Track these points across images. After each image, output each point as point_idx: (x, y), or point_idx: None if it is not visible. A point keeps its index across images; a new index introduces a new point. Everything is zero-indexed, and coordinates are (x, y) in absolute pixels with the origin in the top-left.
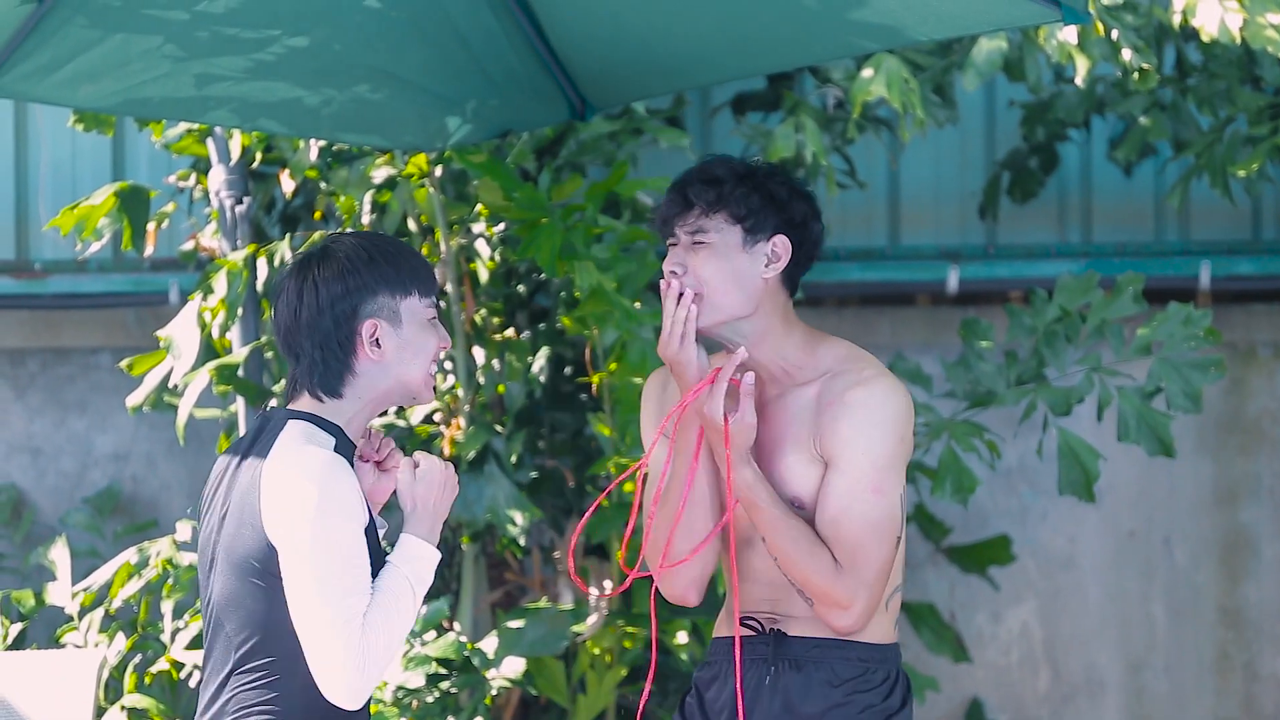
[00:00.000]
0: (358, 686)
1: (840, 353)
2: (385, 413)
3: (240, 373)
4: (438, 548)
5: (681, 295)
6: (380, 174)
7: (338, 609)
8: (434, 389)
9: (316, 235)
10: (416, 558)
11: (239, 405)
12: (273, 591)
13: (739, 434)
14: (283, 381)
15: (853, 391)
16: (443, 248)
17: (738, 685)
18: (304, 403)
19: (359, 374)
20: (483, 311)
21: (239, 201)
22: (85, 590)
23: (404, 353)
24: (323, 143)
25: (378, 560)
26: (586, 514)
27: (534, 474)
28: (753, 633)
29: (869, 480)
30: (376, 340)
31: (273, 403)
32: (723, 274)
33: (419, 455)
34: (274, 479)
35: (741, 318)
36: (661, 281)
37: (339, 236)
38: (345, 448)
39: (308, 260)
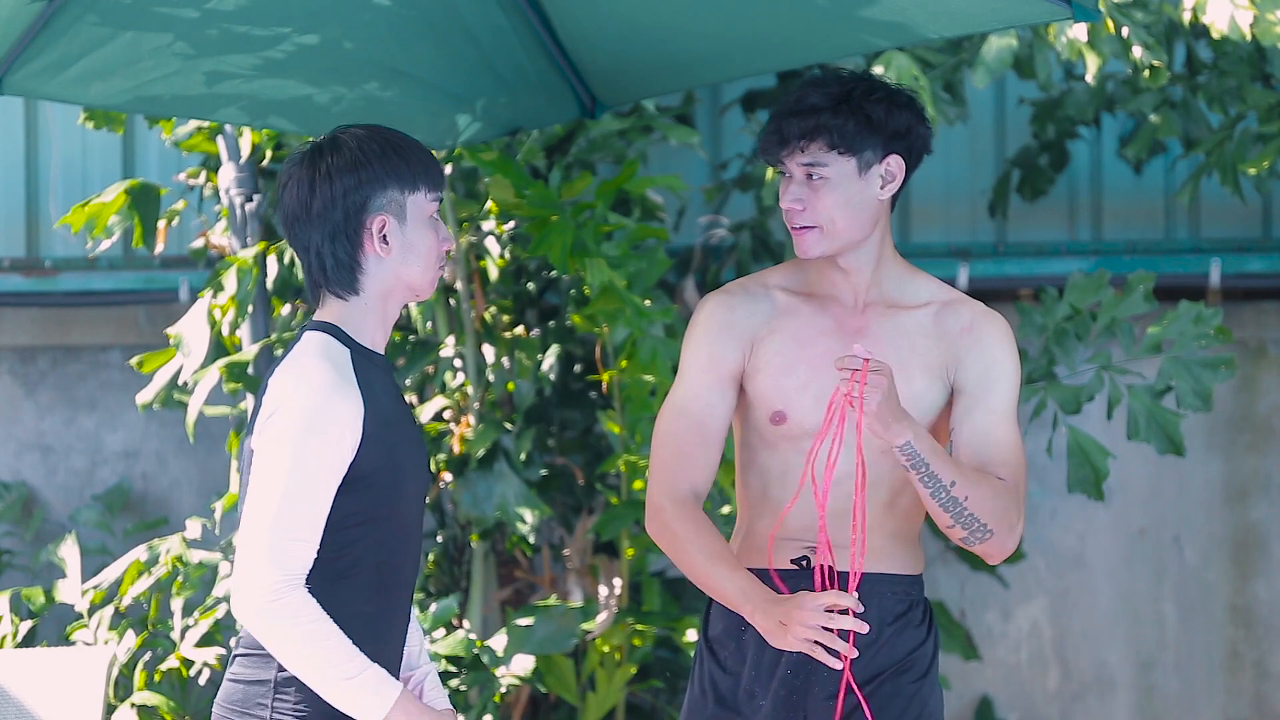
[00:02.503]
0: (257, 610)
1: (936, 282)
2: None
3: (250, 370)
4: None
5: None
6: None
7: (279, 541)
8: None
9: None
10: (370, 694)
11: (249, 402)
12: None
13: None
14: None
15: (985, 323)
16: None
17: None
18: (324, 309)
19: (366, 271)
20: (492, 309)
21: (249, 199)
22: (95, 588)
23: (407, 251)
24: None
25: (396, 458)
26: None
27: (544, 472)
28: (797, 568)
29: (1012, 408)
30: (384, 236)
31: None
32: (841, 205)
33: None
34: (275, 389)
35: (861, 241)
36: (787, 219)
37: (347, 128)
38: (361, 359)
39: (319, 150)
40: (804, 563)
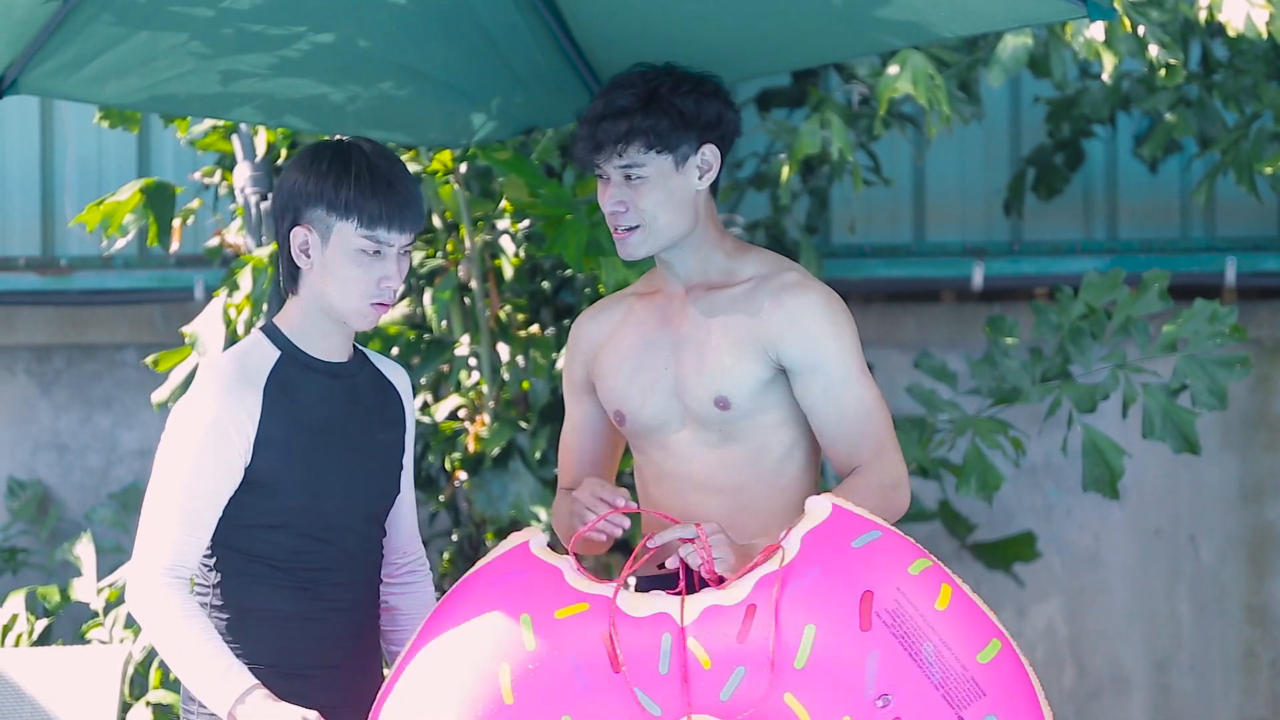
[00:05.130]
0: (140, 586)
1: (769, 258)
2: None
3: None
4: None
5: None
6: None
7: (159, 532)
8: (374, 321)
9: None
10: (220, 679)
11: None
12: None
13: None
14: None
15: (792, 295)
16: (467, 244)
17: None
18: (283, 308)
19: (300, 276)
20: (507, 308)
21: (264, 198)
22: (110, 586)
23: (325, 272)
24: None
25: (306, 462)
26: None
27: (558, 470)
28: (667, 572)
29: (853, 367)
30: (305, 249)
31: None
32: (662, 202)
33: None
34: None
35: (686, 234)
36: (612, 226)
37: (356, 138)
38: (292, 362)
39: (298, 153)
40: (663, 566)
